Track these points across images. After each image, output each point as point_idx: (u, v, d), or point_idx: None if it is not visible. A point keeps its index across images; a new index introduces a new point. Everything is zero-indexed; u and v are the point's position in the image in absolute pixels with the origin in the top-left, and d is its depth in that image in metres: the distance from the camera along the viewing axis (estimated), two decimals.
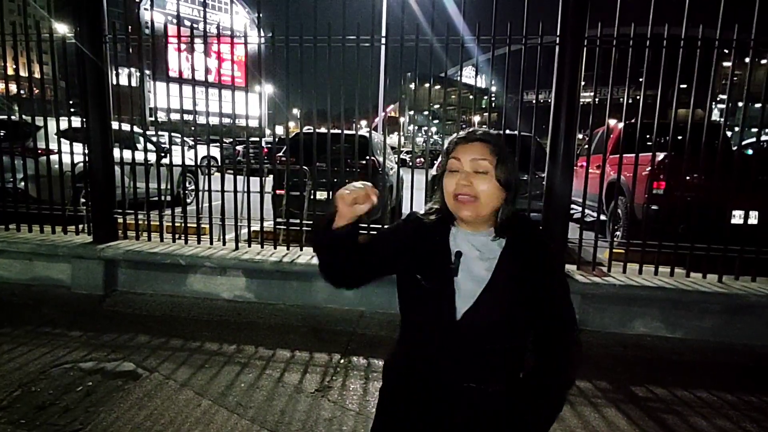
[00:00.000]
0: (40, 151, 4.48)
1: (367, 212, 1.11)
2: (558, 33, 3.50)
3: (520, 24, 3.57)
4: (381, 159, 5.73)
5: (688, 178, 4.10)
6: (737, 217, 4.07)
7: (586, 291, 3.51)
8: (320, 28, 3.81)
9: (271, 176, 5.62)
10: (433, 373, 1.11)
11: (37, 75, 4.26)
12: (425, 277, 1.12)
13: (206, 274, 4.01)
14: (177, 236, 4.28)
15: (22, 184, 4.64)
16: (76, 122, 4.23)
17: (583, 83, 3.62)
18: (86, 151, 4.13)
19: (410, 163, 4.07)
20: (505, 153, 1.10)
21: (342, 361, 3.02)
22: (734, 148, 4.73)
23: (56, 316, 3.55)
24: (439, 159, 1.27)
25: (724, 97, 4.07)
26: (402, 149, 5.04)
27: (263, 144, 4.88)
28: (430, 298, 1.12)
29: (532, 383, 1.12)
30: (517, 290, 1.09)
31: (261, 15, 4.33)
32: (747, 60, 3.52)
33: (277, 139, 8.92)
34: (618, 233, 5.55)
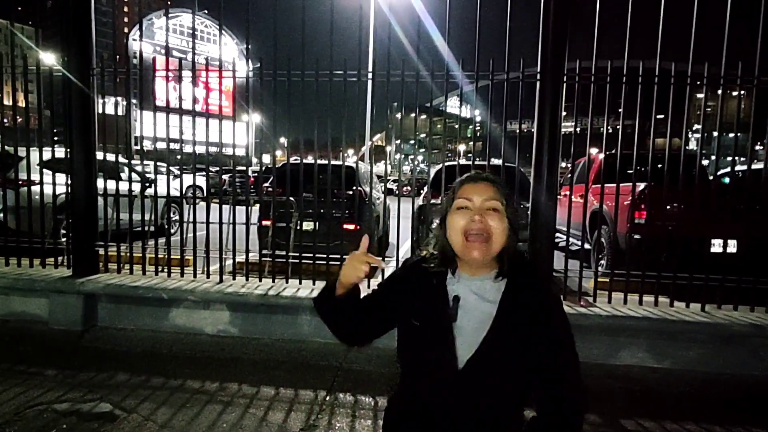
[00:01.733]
0: (21, 182, 4.41)
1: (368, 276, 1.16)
2: (539, 70, 3.61)
3: (503, 58, 3.67)
4: (367, 189, 5.76)
5: (668, 207, 4.18)
6: (716, 245, 4.15)
7: (573, 322, 3.46)
8: (308, 62, 3.88)
9: (257, 206, 5.60)
10: (435, 427, 1.06)
11: (21, 104, 4.23)
12: (423, 324, 1.09)
13: (189, 309, 3.92)
14: (160, 269, 4.19)
15: (1, 215, 4.55)
16: (60, 152, 4.17)
17: (564, 113, 3.72)
18: (69, 182, 4.07)
19: (397, 192, 4.08)
20: (507, 194, 1.14)
21: (328, 398, 2.94)
22: (710, 178, 4.86)
23: (33, 354, 3.42)
24: (425, 189, 1.34)
25: (699, 127, 4.23)
26: (388, 178, 5.08)
27: (250, 173, 4.88)
28: (430, 347, 1.07)
29: None
30: (522, 336, 1.06)
31: (249, 47, 4.39)
32: (719, 92, 3.67)
33: (263, 168, 8.91)
34: (602, 262, 5.60)
